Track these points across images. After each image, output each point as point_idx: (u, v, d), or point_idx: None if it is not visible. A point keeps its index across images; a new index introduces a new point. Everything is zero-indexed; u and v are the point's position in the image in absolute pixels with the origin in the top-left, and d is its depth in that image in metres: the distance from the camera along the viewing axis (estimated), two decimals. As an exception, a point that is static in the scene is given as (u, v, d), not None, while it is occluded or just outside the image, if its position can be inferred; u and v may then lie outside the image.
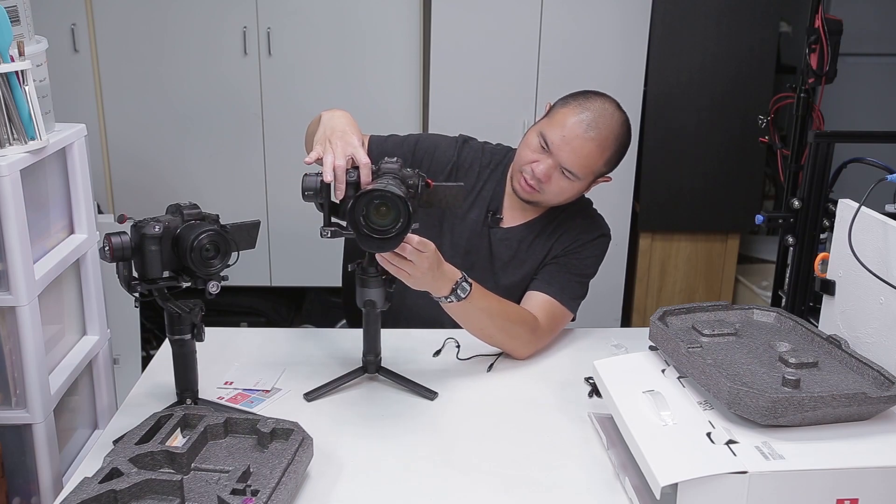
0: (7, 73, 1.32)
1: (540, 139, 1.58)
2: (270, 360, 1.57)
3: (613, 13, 3.03)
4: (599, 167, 1.60)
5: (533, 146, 1.59)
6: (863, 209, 1.25)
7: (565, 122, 1.56)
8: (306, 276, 3.34)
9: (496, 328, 1.53)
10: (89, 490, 1.01)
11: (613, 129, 1.58)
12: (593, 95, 1.60)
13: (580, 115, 1.56)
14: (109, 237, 1.21)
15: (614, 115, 1.59)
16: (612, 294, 3.29)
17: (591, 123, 1.55)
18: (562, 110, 1.59)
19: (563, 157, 1.56)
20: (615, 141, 1.59)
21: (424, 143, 1.73)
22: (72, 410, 1.61)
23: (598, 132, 1.56)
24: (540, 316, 1.59)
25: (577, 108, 1.57)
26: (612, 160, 1.61)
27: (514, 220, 1.71)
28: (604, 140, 1.56)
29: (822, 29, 2.02)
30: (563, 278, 1.65)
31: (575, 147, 1.55)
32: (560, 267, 1.67)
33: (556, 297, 1.63)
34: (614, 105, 1.61)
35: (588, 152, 1.56)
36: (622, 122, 1.60)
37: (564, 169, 1.57)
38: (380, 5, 3.11)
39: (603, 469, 1.23)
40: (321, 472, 1.21)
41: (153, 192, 3.20)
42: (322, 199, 1.33)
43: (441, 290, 1.41)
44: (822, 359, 1.21)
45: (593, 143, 1.56)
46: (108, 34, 3.09)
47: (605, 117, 1.57)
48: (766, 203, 3.57)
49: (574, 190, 1.62)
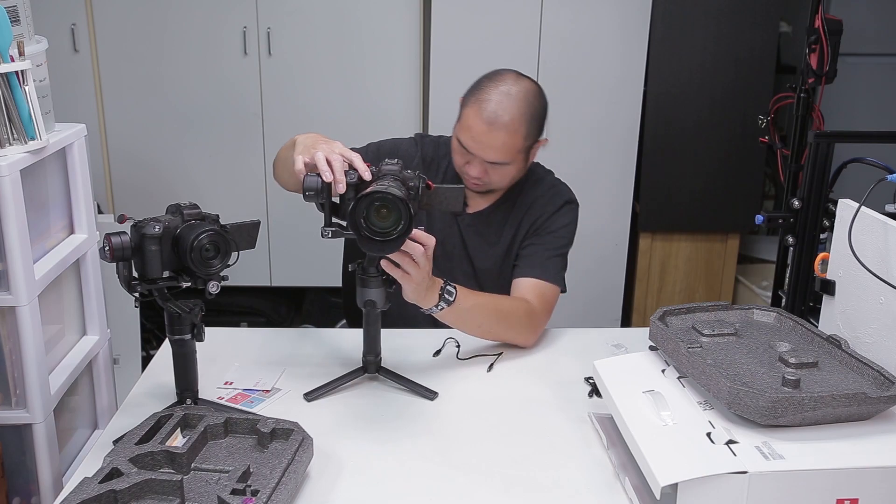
0: (7, 73, 1.33)
1: (459, 144, 1.62)
2: (270, 360, 1.57)
3: (613, 13, 3.03)
4: (522, 144, 1.62)
5: (458, 151, 1.64)
6: (863, 209, 1.25)
7: (470, 123, 1.60)
8: (306, 276, 3.34)
9: (493, 322, 1.56)
10: (89, 490, 1.01)
11: (518, 107, 1.58)
12: (488, 83, 1.62)
13: (480, 113, 1.58)
14: (109, 237, 1.21)
15: (511, 91, 1.59)
16: (612, 294, 3.29)
17: (493, 116, 1.57)
18: (465, 112, 1.62)
19: (483, 155, 1.60)
20: (524, 116, 1.60)
21: (387, 146, 1.79)
22: (72, 410, 1.61)
23: (503, 120, 1.57)
24: (532, 299, 1.63)
25: (476, 106, 1.59)
26: (532, 131, 1.63)
27: (478, 206, 1.76)
28: (511, 123, 1.58)
29: (822, 29, 2.02)
30: (543, 257, 1.69)
31: (487, 143, 1.58)
32: (536, 247, 1.70)
33: (541, 277, 1.67)
34: (511, 79, 1.62)
35: (502, 142, 1.58)
36: (525, 94, 1.60)
37: (492, 161, 1.60)
38: (380, 5, 3.11)
39: (603, 469, 1.23)
40: (321, 472, 1.21)
41: (153, 192, 3.20)
42: (323, 199, 1.32)
43: (430, 300, 1.43)
44: (822, 359, 1.21)
45: (503, 131, 1.57)
46: (108, 34, 3.09)
47: (503, 102, 1.58)
48: (766, 203, 3.57)
49: (516, 169, 1.66)
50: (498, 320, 1.56)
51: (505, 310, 1.59)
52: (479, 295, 1.55)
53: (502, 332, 1.59)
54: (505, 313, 1.58)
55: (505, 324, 1.58)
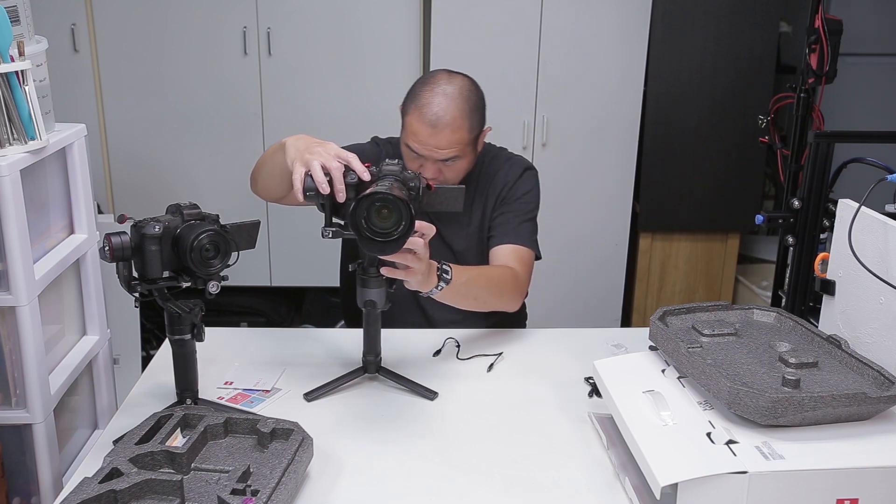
0: (7, 73, 1.32)
1: (409, 150, 1.66)
2: (270, 360, 1.57)
3: (613, 13, 3.03)
4: (468, 137, 1.66)
5: (409, 157, 1.68)
6: (863, 209, 1.25)
7: (415, 129, 1.63)
8: (306, 276, 3.34)
9: (486, 292, 1.60)
10: (89, 490, 1.01)
11: (457, 104, 1.63)
12: (422, 87, 1.66)
13: (423, 117, 1.62)
14: (109, 237, 1.21)
15: (447, 91, 1.64)
16: (612, 294, 3.29)
17: (435, 118, 1.62)
18: (408, 120, 1.66)
19: (435, 156, 1.64)
20: (464, 112, 1.64)
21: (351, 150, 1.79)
22: (72, 410, 1.61)
23: (445, 120, 1.62)
24: (513, 265, 1.69)
25: (417, 112, 1.64)
26: (475, 123, 1.68)
27: None
28: (454, 121, 1.62)
29: (822, 29, 2.03)
30: (514, 223, 1.75)
31: (435, 144, 1.63)
32: (506, 215, 1.76)
33: (516, 242, 1.73)
34: (444, 79, 1.67)
35: (448, 140, 1.63)
36: (460, 90, 1.65)
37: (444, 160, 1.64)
38: (380, 5, 3.11)
39: (603, 469, 1.23)
40: (321, 472, 1.21)
41: (153, 192, 3.20)
42: (323, 199, 1.32)
43: (430, 284, 1.44)
44: (822, 359, 1.21)
45: (447, 129, 1.62)
46: (108, 34, 3.09)
47: (442, 103, 1.62)
48: (766, 203, 3.57)
49: (468, 162, 1.70)
50: (490, 290, 1.61)
51: (496, 278, 1.64)
52: (470, 268, 1.59)
53: (494, 301, 1.64)
54: (496, 281, 1.64)
55: (497, 292, 1.63)
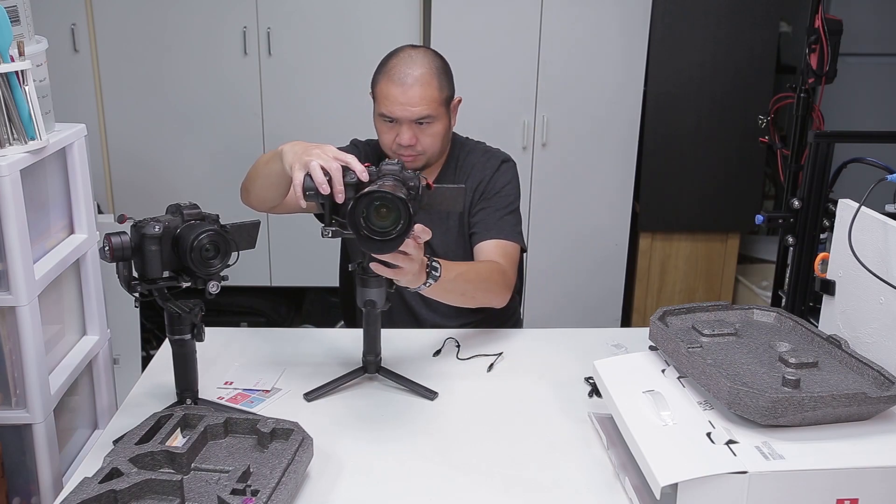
0: (7, 73, 1.32)
1: (384, 119, 1.70)
2: (270, 360, 1.57)
3: (613, 13, 3.03)
4: (439, 96, 1.70)
5: (384, 127, 1.71)
6: (863, 209, 1.25)
7: (386, 93, 1.67)
8: (306, 276, 3.34)
9: (474, 287, 1.60)
10: (89, 490, 1.01)
11: (422, 63, 1.68)
12: (388, 58, 1.72)
13: (392, 80, 1.67)
14: (109, 237, 1.21)
15: (412, 54, 1.70)
16: (612, 294, 3.29)
17: (403, 76, 1.66)
18: (378, 89, 1.70)
19: (408, 115, 1.66)
20: (431, 69, 1.69)
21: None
22: (72, 410, 1.61)
23: (414, 75, 1.66)
24: (499, 260, 1.69)
25: (385, 77, 1.68)
26: (444, 83, 1.71)
27: None
28: (422, 76, 1.67)
29: (822, 29, 2.02)
30: (496, 218, 1.76)
31: (407, 101, 1.66)
32: (487, 210, 1.77)
33: (499, 237, 1.73)
34: (409, 48, 1.73)
35: (421, 94, 1.66)
36: (425, 53, 1.72)
37: (418, 120, 1.67)
38: (380, 5, 3.11)
39: (603, 469, 1.23)
40: (321, 472, 1.21)
41: (153, 192, 3.20)
42: (323, 198, 1.32)
43: (420, 279, 1.43)
44: (822, 359, 1.21)
45: (417, 85, 1.66)
46: (108, 34, 3.09)
47: (410, 62, 1.68)
48: (766, 203, 3.57)
49: (442, 127, 1.72)
50: (478, 285, 1.61)
51: (484, 274, 1.64)
52: (459, 264, 1.59)
53: (481, 296, 1.63)
54: (484, 277, 1.63)
55: (484, 287, 1.63)
